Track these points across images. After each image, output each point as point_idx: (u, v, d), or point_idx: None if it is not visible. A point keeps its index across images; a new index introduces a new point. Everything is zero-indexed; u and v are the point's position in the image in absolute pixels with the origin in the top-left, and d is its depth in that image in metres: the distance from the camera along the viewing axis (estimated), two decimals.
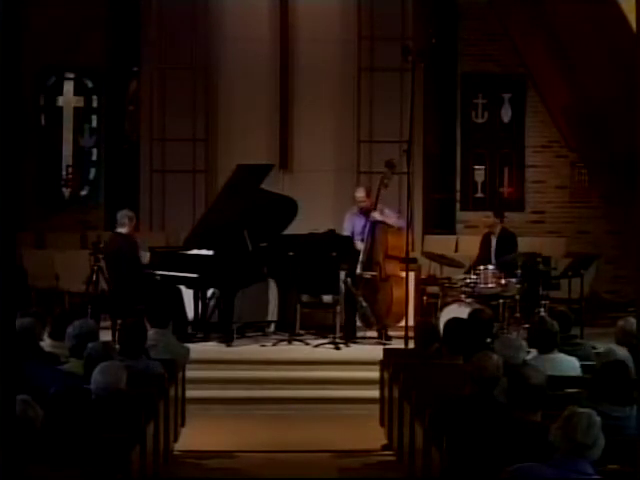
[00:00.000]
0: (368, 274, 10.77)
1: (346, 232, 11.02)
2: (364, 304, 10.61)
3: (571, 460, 4.26)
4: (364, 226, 10.93)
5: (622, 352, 6.47)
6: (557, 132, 13.91)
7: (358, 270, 10.70)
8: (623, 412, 5.16)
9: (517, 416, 5.19)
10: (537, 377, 5.24)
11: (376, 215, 10.87)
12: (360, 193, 11.10)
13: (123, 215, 10.66)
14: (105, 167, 13.90)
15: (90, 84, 13.82)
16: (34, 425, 4.45)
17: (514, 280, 10.55)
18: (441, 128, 14.04)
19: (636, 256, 10.96)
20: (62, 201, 13.81)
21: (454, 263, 11.14)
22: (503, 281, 10.55)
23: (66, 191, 13.83)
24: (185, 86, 13.35)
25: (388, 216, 10.95)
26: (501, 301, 10.49)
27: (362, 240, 10.84)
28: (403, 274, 10.81)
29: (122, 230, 10.55)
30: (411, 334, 8.88)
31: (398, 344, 9.95)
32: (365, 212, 10.96)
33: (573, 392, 5.92)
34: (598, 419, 4.33)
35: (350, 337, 10.55)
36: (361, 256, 10.77)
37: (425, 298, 11.43)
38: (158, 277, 10.60)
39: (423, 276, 11.99)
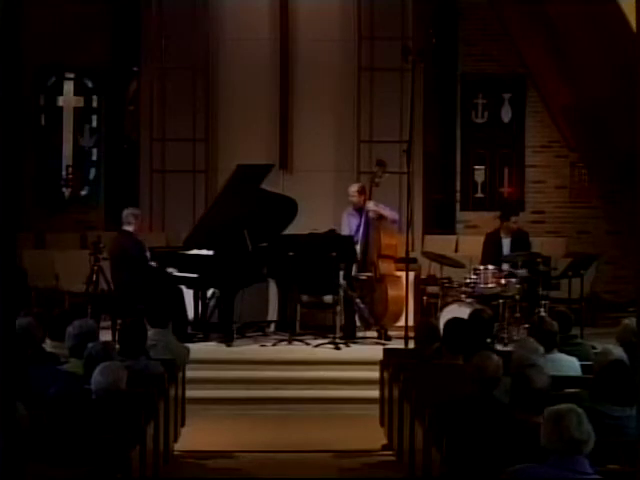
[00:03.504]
0: (364, 275, 10.78)
1: (345, 233, 11.04)
2: (361, 305, 10.60)
3: (569, 458, 4.27)
4: (358, 225, 10.95)
5: (617, 351, 6.49)
6: (557, 132, 13.90)
7: (354, 271, 10.70)
8: (623, 412, 5.17)
9: (519, 418, 5.19)
10: (541, 380, 5.23)
11: (370, 205, 10.88)
12: (353, 188, 11.12)
13: (129, 214, 10.67)
14: (105, 167, 13.89)
15: (90, 84, 13.81)
16: (21, 425, 4.44)
17: (514, 280, 10.55)
18: (441, 128, 14.03)
19: (636, 256, 10.96)
20: (62, 201, 13.80)
21: (454, 263, 11.14)
22: (503, 281, 10.55)
23: (66, 191, 13.82)
24: (185, 86, 13.34)
25: (382, 208, 10.96)
26: (501, 301, 10.48)
27: (356, 241, 10.86)
28: (398, 273, 10.83)
29: (128, 228, 10.56)
30: (411, 334, 8.88)
31: (398, 344, 9.95)
32: (359, 209, 11.00)
33: (573, 392, 5.92)
34: (582, 411, 4.35)
35: (350, 337, 10.55)
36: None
37: (425, 298, 11.43)
38: (171, 272, 10.61)
39: (423, 276, 11.99)
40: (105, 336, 8.89)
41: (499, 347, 9.22)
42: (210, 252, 10.64)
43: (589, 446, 4.29)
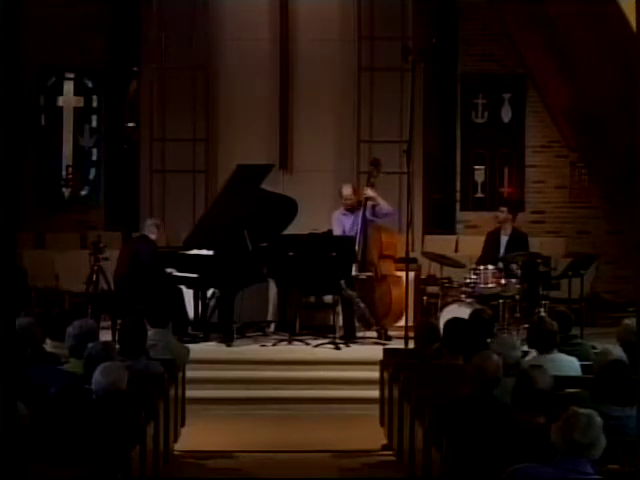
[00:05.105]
0: (364, 275, 10.77)
1: (336, 234, 11.04)
2: (362, 305, 10.59)
3: (571, 460, 4.26)
4: (352, 224, 10.96)
5: (617, 351, 6.49)
6: (557, 132, 13.91)
7: (354, 271, 10.68)
8: (623, 412, 5.17)
9: (520, 418, 5.18)
10: (544, 381, 5.23)
11: (369, 191, 10.88)
12: (348, 190, 11.13)
13: (151, 224, 10.97)
14: (105, 167, 13.90)
15: (90, 84, 13.82)
16: (21, 425, 4.44)
17: (514, 280, 10.56)
18: (441, 128, 14.03)
19: (636, 256, 10.96)
20: (62, 201, 13.81)
21: (454, 263, 11.14)
22: (503, 281, 10.56)
23: (66, 191, 13.82)
24: (185, 86, 13.34)
25: (379, 200, 10.94)
26: (501, 301, 10.50)
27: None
28: (399, 273, 10.83)
29: (151, 236, 10.77)
30: (411, 334, 8.88)
31: (398, 344, 9.95)
32: (351, 209, 11.01)
33: (574, 392, 5.93)
34: (599, 419, 4.33)
35: (350, 337, 10.55)
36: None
37: (425, 298, 11.43)
38: (171, 272, 10.65)
39: (423, 276, 11.99)
40: (105, 336, 8.89)
41: None
42: (210, 252, 10.64)
43: (592, 453, 4.26)
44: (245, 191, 10.75)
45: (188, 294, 10.87)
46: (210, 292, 11.02)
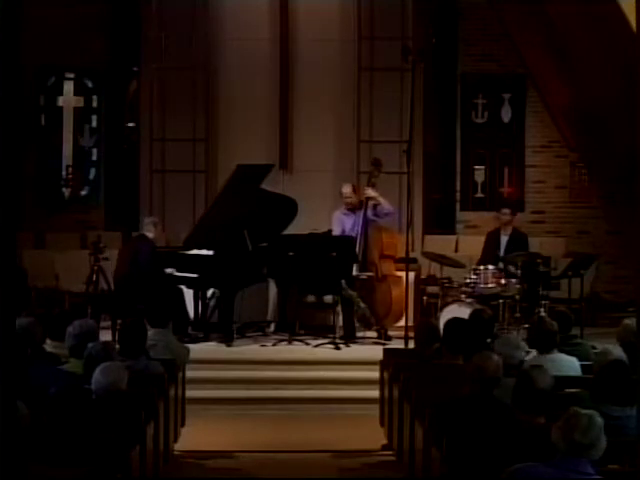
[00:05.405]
0: (364, 275, 10.77)
1: (337, 233, 11.04)
2: (362, 305, 10.58)
3: (571, 460, 4.26)
4: (354, 223, 10.96)
5: (617, 351, 6.50)
6: (557, 132, 13.90)
7: (354, 271, 10.68)
8: (623, 412, 5.17)
9: (520, 418, 5.18)
10: (544, 381, 5.23)
11: (370, 192, 10.87)
12: (347, 189, 11.13)
13: (149, 222, 11.01)
14: (105, 167, 13.90)
15: (90, 84, 13.81)
16: (21, 424, 4.44)
17: (514, 280, 10.56)
18: (441, 128, 14.03)
19: (636, 256, 10.97)
20: (62, 201, 13.81)
21: (454, 263, 11.14)
22: (503, 281, 10.56)
23: (66, 191, 13.82)
24: (185, 86, 13.34)
25: (380, 199, 10.93)
26: (501, 301, 10.50)
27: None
28: (399, 273, 10.83)
29: (149, 235, 10.79)
30: (411, 334, 8.88)
31: (398, 344, 9.95)
32: (352, 209, 11.01)
33: (574, 392, 5.93)
34: (600, 420, 4.33)
35: (350, 337, 10.55)
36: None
37: (425, 298, 11.43)
38: (171, 272, 10.65)
39: (423, 276, 11.99)
40: (105, 336, 8.89)
41: None
42: (210, 252, 10.64)
43: (592, 453, 4.27)
44: (245, 191, 10.75)
45: (188, 294, 10.87)
46: (210, 292, 11.02)
